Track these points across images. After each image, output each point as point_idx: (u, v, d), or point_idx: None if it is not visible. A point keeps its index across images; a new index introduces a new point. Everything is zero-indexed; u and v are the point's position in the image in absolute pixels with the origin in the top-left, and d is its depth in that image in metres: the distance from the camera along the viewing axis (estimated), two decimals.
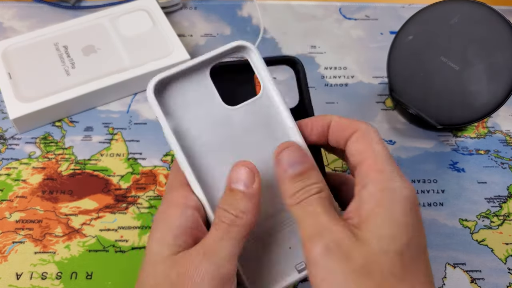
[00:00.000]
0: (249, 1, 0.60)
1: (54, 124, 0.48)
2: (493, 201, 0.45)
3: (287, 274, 0.31)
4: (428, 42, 0.48)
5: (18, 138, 0.47)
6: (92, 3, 0.58)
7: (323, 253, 0.25)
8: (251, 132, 0.31)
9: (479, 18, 0.46)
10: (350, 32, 0.57)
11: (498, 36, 0.45)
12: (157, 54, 0.50)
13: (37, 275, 0.40)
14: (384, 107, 0.51)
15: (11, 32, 0.55)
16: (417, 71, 0.48)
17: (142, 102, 0.50)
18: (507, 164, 0.48)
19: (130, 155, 0.47)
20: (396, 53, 0.49)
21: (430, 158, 0.48)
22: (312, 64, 0.54)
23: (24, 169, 0.45)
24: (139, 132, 0.48)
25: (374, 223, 0.26)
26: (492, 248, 0.42)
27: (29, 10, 0.57)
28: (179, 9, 0.58)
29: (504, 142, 0.49)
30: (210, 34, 0.56)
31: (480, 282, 0.41)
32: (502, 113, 0.51)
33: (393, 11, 0.59)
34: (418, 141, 0.48)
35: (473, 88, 0.46)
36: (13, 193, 0.44)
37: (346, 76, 0.54)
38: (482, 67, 0.45)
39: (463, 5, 0.47)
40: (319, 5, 0.60)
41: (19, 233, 0.42)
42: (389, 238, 0.25)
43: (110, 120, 0.49)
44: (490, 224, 0.44)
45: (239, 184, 0.28)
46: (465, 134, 0.50)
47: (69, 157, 0.46)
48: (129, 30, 0.52)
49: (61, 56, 0.50)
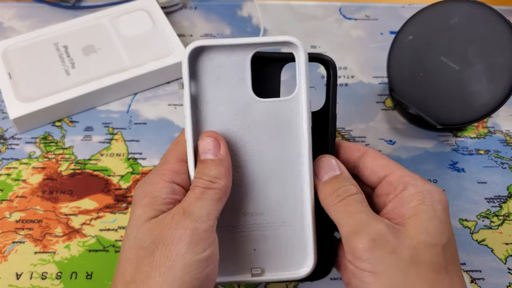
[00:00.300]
0: (249, 1, 0.60)
1: (54, 124, 0.48)
2: (493, 201, 0.45)
3: (239, 272, 0.31)
4: (428, 42, 0.48)
5: (18, 138, 0.47)
6: (92, 3, 0.58)
7: (369, 246, 0.27)
8: (266, 129, 0.31)
9: (479, 18, 0.46)
10: (350, 32, 0.57)
11: (498, 36, 0.45)
12: (157, 54, 0.50)
13: (37, 275, 0.40)
14: (384, 107, 0.51)
15: (11, 32, 0.55)
16: (417, 71, 0.48)
17: (142, 102, 0.50)
18: (507, 164, 0.48)
19: (130, 155, 0.47)
20: (396, 53, 0.49)
21: (430, 158, 0.48)
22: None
23: (24, 169, 0.45)
24: (139, 132, 0.48)
25: (420, 219, 0.28)
26: (492, 248, 0.42)
27: (29, 10, 0.57)
28: (179, 9, 0.58)
29: (504, 142, 0.49)
30: (210, 34, 0.56)
31: (480, 282, 0.41)
32: (502, 113, 0.51)
33: (393, 11, 0.59)
34: (418, 141, 0.48)
35: (473, 88, 0.46)
36: (13, 193, 0.44)
37: (346, 76, 0.54)
38: (482, 67, 0.45)
39: (463, 5, 0.47)
40: (319, 5, 0.60)
41: (19, 233, 0.42)
42: (436, 233, 0.28)
43: (110, 120, 0.49)
44: (490, 224, 0.44)
45: (207, 154, 0.30)
46: (465, 134, 0.50)
47: (69, 157, 0.46)
48: (129, 30, 0.52)
49: (61, 56, 0.50)
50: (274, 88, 0.32)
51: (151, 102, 0.50)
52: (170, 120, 0.49)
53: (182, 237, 0.27)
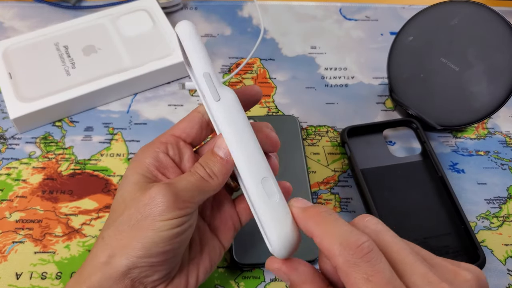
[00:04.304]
0: (249, 2, 0.60)
1: (54, 124, 0.48)
2: (492, 202, 0.45)
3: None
4: (428, 43, 0.48)
5: (18, 138, 0.47)
6: (93, 3, 0.58)
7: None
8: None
9: (479, 19, 0.46)
10: (350, 32, 0.57)
11: (498, 37, 0.45)
12: (157, 54, 0.50)
13: (37, 275, 0.40)
14: (384, 107, 0.51)
15: (12, 32, 0.55)
16: (417, 72, 0.48)
17: (142, 102, 0.50)
18: (507, 165, 0.48)
19: (130, 155, 0.47)
20: (396, 54, 0.49)
21: None
22: (312, 65, 0.54)
23: (24, 169, 0.45)
24: (139, 132, 0.48)
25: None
26: (491, 249, 0.42)
27: (29, 10, 0.57)
28: (180, 9, 0.58)
29: (504, 143, 0.49)
30: (211, 34, 0.56)
31: None
32: (502, 114, 0.51)
33: (393, 12, 0.59)
34: (418, 142, 0.48)
35: (473, 89, 0.46)
36: (13, 193, 0.44)
37: (346, 76, 0.54)
38: (482, 68, 0.45)
39: (463, 6, 0.47)
40: (319, 6, 0.60)
41: (19, 233, 0.42)
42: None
43: (110, 120, 0.49)
44: (490, 225, 0.44)
45: (220, 150, 0.31)
46: (465, 135, 0.50)
47: (69, 157, 0.46)
48: (129, 30, 0.52)
49: (61, 56, 0.50)
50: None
51: (151, 102, 0.50)
52: (170, 120, 0.49)
53: (160, 202, 0.29)
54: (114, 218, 0.31)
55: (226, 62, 0.54)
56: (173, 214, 0.29)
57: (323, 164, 0.47)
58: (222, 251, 0.35)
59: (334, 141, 0.49)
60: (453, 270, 0.26)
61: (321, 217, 0.27)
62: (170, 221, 0.29)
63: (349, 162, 0.46)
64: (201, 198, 0.31)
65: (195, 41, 0.31)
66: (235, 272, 0.41)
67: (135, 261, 0.29)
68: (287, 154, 0.45)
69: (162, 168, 0.33)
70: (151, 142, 0.34)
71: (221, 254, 0.35)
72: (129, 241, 0.29)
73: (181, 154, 0.34)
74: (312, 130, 0.49)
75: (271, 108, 0.50)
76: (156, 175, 0.32)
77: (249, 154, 0.30)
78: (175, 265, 0.32)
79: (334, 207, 0.44)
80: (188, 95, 0.51)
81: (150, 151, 0.33)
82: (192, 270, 0.33)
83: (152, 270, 0.30)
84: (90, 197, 0.44)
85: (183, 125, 0.34)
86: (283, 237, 0.28)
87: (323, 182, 0.46)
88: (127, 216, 0.30)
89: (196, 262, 0.34)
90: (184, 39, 0.31)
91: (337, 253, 0.25)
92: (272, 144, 0.33)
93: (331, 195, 0.45)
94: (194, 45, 0.31)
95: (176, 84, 0.52)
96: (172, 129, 0.34)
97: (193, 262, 0.34)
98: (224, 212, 0.36)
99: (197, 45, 0.31)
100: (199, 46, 0.31)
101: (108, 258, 0.30)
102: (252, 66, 0.54)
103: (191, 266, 0.33)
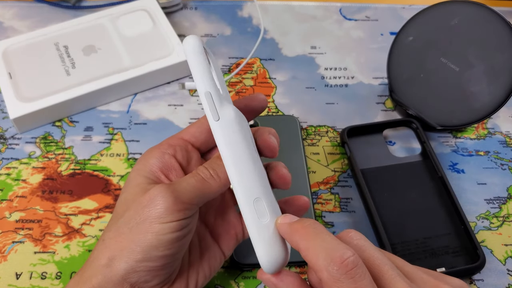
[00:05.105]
0: (249, 2, 0.60)
1: (54, 124, 0.48)
2: (492, 202, 0.45)
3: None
4: (428, 43, 0.48)
5: (18, 137, 0.47)
6: (93, 3, 0.58)
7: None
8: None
9: (479, 19, 0.46)
10: (350, 32, 0.57)
11: (498, 37, 0.45)
12: (157, 54, 0.50)
13: (36, 275, 0.40)
14: (384, 108, 0.51)
15: (12, 32, 0.55)
16: (417, 72, 0.48)
17: (142, 102, 0.50)
18: (506, 165, 0.48)
19: (130, 155, 0.47)
20: (396, 54, 0.49)
21: None
22: (312, 65, 0.54)
23: (24, 169, 0.45)
24: (139, 132, 0.48)
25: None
26: (491, 249, 0.42)
27: (29, 9, 0.57)
28: (180, 9, 0.58)
29: (504, 143, 0.49)
30: (211, 34, 0.56)
31: (479, 283, 0.41)
32: (502, 114, 0.51)
33: (393, 12, 0.59)
34: (418, 142, 0.48)
35: (473, 89, 0.46)
36: (13, 192, 0.44)
37: (346, 76, 0.54)
38: (482, 68, 0.45)
39: (463, 6, 0.47)
40: (319, 6, 0.60)
41: (19, 233, 0.42)
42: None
43: (110, 120, 0.49)
44: (490, 225, 0.44)
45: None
46: (465, 135, 0.50)
47: (69, 157, 0.46)
48: (129, 30, 0.52)
49: (61, 56, 0.50)
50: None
51: (151, 103, 0.50)
52: (170, 121, 0.49)
53: (159, 204, 0.29)
54: (115, 219, 0.31)
55: (226, 62, 0.54)
56: (172, 217, 0.29)
57: (323, 164, 0.47)
58: (222, 258, 0.35)
59: (334, 141, 0.49)
60: (434, 284, 0.26)
61: (306, 231, 0.27)
62: (169, 224, 0.29)
63: (349, 162, 0.46)
64: (201, 200, 0.31)
65: (199, 58, 0.30)
66: (235, 272, 0.41)
67: (134, 265, 0.29)
68: (287, 154, 0.45)
69: (166, 170, 0.33)
70: (159, 144, 0.34)
71: (221, 261, 0.35)
72: (128, 243, 0.29)
73: (189, 158, 0.34)
74: (312, 130, 0.49)
75: (271, 108, 0.50)
76: (159, 176, 0.32)
77: (243, 175, 0.30)
78: (174, 270, 0.32)
79: (334, 207, 0.44)
80: (188, 95, 0.51)
81: (157, 152, 0.33)
82: (192, 275, 0.33)
83: (152, 274, 0.30)
84: (90, 197, 0.44)
85: (193, 130, 0.34)
86: (270, 257, 0.29)
87: (323, 182, 0.46)
88: (127, 218, 0.30)
89: (196, 267, 0.34)
90: (188, 55, 0.30)
91: (322, 268, 0.25)
92: (270, 150, 0.33)
93: (331, 195, 0.45)
94: (198, 63, 0.30)
95: (176, 84, 0.52)
96: (181, 133, 0.34)
97: (192, 267, 0.34)
98: (228, 221, 0.36)
99: (200, 63, 0.30)
100: (202, 64, 0.30)
101: (108, 260, 0.30)
102: (252, 66, 0.54)
103: (190, 271, 0.33)
